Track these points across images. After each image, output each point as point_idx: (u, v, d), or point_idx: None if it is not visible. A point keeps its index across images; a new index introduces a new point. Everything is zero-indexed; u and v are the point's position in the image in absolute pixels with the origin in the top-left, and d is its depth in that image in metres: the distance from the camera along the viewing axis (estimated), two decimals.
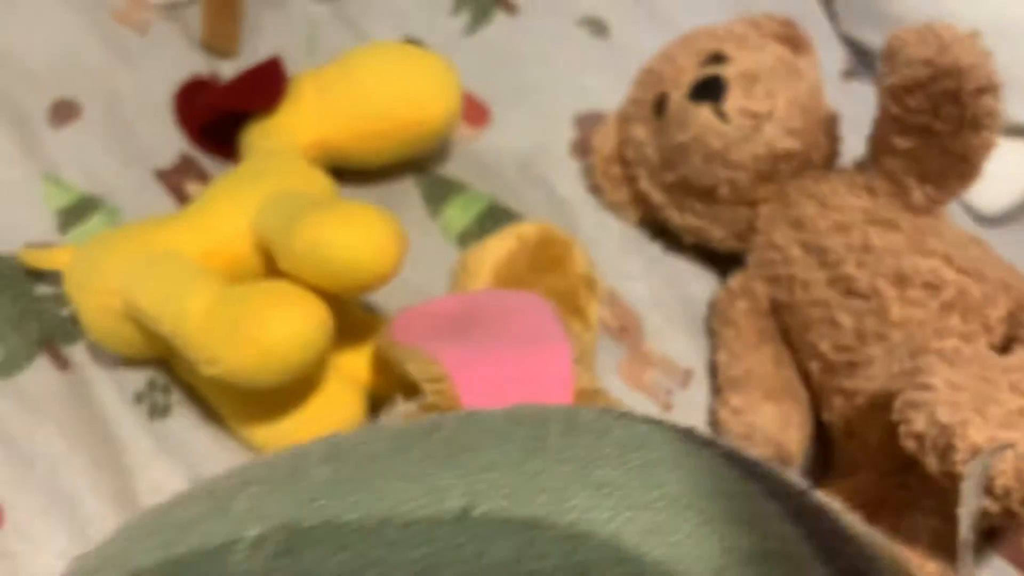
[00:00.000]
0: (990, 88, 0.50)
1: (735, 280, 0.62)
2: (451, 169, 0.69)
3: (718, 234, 0.62)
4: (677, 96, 0.59)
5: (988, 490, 0.43)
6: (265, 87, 0.62)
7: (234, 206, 0.54)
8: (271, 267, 0.53)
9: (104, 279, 0.52)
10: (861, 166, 0.59)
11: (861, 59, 0.79)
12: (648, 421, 0.19)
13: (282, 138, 0.62)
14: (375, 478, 0.17)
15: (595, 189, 0.69)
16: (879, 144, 0.56)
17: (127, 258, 0.52)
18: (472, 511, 0.16)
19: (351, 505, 0.17)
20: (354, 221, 0.47)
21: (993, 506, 0.43)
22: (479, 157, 0.70)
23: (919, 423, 0.45)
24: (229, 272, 0.53)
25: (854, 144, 0.61)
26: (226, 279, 0.51)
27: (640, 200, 0.66)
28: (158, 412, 0.57)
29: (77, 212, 0.63)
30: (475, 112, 0.73)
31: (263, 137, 0.62)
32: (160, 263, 0.51)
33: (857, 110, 0.64)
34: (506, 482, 0.16)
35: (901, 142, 0.54)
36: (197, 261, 0.52)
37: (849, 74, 0.79)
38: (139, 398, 0.57)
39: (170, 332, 0.49)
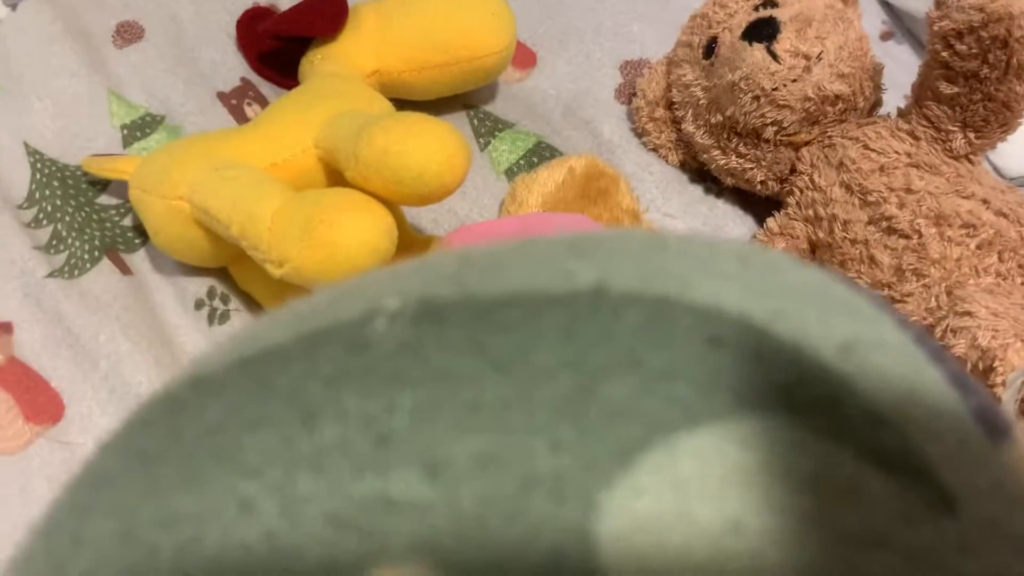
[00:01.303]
0: None
1: (774, 221, 0.62)
2: (500, 108, 0.70)
3: (760, 175, 0.62)
4: (729, 38, 0.60)
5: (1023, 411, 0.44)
6: (326, 13, 0.62)
7: (301, 121, 0.55)
8: (334, 182, 0.54)
9: (173, 183, 0.53)
10: (903, 114, 0.59)
11: (898, 22, 0.80)
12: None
13: (342, 65, 0.62)
14: (503, 266, 0.17)
15: (639, 132, 0.69)
16: (924, 90, 0.56)
17: (196, 164, 0.53)
18: (604, 286, 0.16)
19: (485, 282, 0.17)
20: (424, 131, 0.48)
21: None
22: (526, 98, 0.71)
23: (960, 348, 0.45)
24: (294, 185, 0.53)
25: (889, 103, 0.62)
26: (292, 190, 0.51)
27: (683, 143, 0.67)
28: (218, 319, 0.57)
29: (140, 127, 0.64)
30: (523, 56, 0.73)
31: (324, 63, 0.62)
32: (229, 169, 0.52)
33: (893, 70, 0.64)
34: (633, 269, 0.17)
35: (947, 88, 0.54)
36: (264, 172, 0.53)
37: (887, 36, 0.79)
38: (199, 305, 0.57)
39: (239, 234, 0.49)
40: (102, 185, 0.61)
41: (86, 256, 0.58)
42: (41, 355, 0.55)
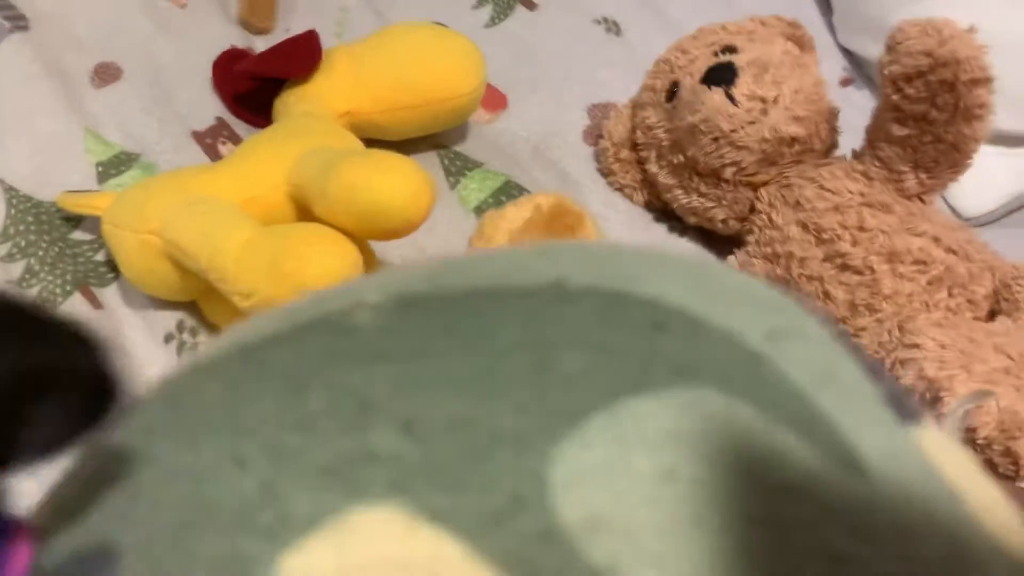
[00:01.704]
0: (984, 80, 0.52)
1: (734, 258, 0.64)
2: (470, 148, 0.72)
3: (721, 214, 0.64)
4: (690, 82, 0.62)
5: (971, 441, 0.45)
6: (301, 55, 0.64)
7: (273, 158, 0.56)
8: (304, 218, 0.55)
9: (144, 218, 0.54)
10: (858, 156, 0.61)
11: (857, 69, 0.82)
12: None
13: (315, 105, 0.64)
14: (472, 267, 0.19)
15: (605, 172, 0.71)
16: (877, 132, 0.58)
17: (167, 199, 0.54)
18: (563, 280, 0.18)
19: (455, 279, 0.19)
20: (389, 167, 0.49)
21: (975, 457, 0.45)
22: (496, 139, 0.73)
23: (908, 378, 0.47)
24: (265, 220, 0.55)
25: (849, 146, 0.64)
26: (262, 224, 0.53)
27: (647, 183, 0.69)
28: (186, 351, 0.58)
29: (116, 165, 0.65)
30: (493, 99, 0.75)
31: (298, 103, 0.64)
32: (200, 204, 0.53)
33: (853, 115, 0.67)
34: (590, 268, 0.18)
35: (898, 130, 0.57)
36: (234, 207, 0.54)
37: (846, 82, 0.82)
38: (168, 338, 0.58)
39: (207, 267, 0.50)
40: (76, 221, 0.62)
41: (58, 291, 0.59)
42: None
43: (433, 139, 0.70)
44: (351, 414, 0.16)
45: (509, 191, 0.69)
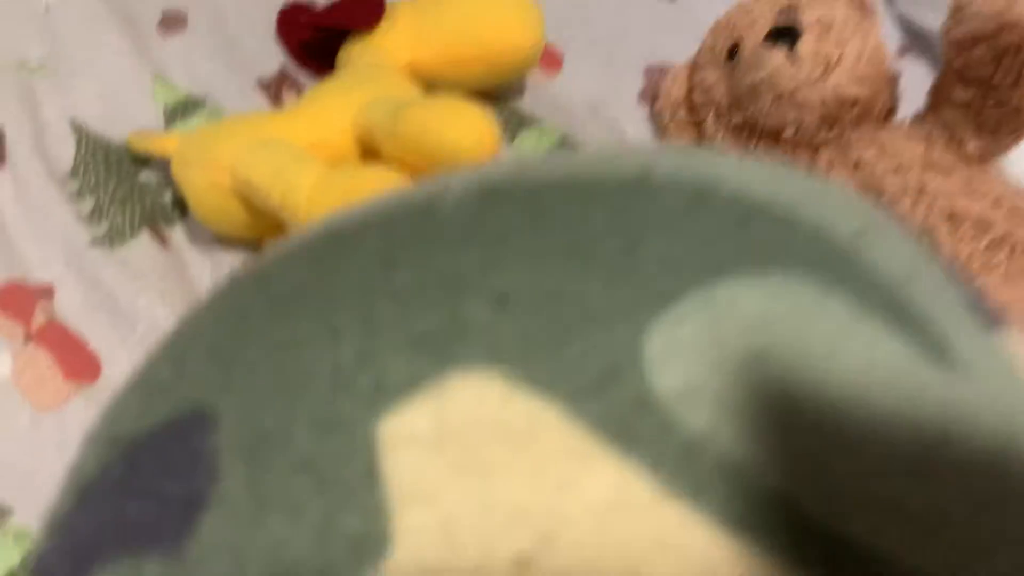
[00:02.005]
0: None
1: None
2: (527, 105, 0.72)
3: None
4: (751, 41, 0.62)
5: None
6: (365, 7, 0.65)
7: (339, 103, 0.57)
8: (368, 162, 0.56)
9: (215, 156, 0.55)
10: (919, 119, 0.62)
11: (914, 39, 0.82)
12: None
13: (379, 57, 0.65)
14: (555, 163, 0.20)
15: (661, 133, 0.71)
16: (940, 95, 0.59)
17: (238, 139, 0.55)
18: (648, 173, 0.18)
19: (539, 172, 0.19)
20: (460, 111, 0.50)
21: None
22: (552, 98, 0.73)
23: None
24: (331, 164, 0.56)
25: (904, 117, 0.64)
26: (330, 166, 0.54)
27: (704, 144, 0.69)
28: None
29: (182, 110, 0.67)
30: (549, 59, 0.76)
31: (361, 54, 0.65)
32: (271, 143, 0.54)
33: (909, 85, 0.67)
34: (674, 164, 0.19)
35: (961, 93, 0.57)
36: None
37: (903, 51, 0.81)
38: None
39: (279, 204, 0.52)
40: (144, 162, 0.64)
41: (127, 228, 0.61)
42: (80, 318, 0.57)
43: (492, 96, 0.71)
44: (441, 289, 0.17)
45: (565, 147, 0.70)
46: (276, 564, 0.14)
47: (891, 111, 0.64)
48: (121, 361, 0.56)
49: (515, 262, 0.17)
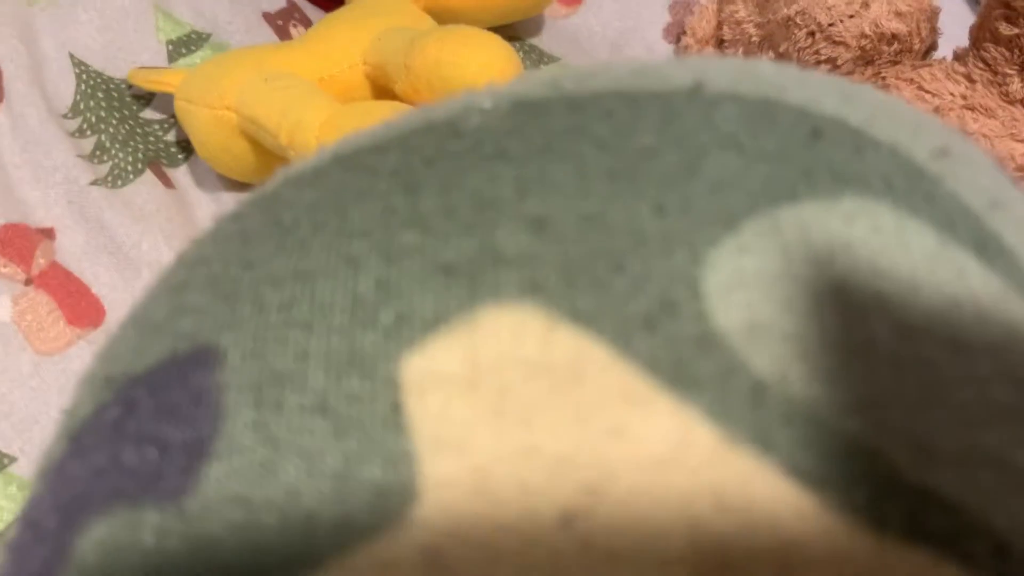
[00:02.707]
0: None
1: None
2: (546, 42, 0.70)
3: None
4: None
5: None
6: None
7: (349, 36, 0.55)
8: (380, 97, 0.54)
9: (220, 93, 0.53)
10: (959, 57, 0.59)
11: None
12: None
13: None
14: (597, 74, 0.18)
15: None
16: (983, 31, 0.56)
17: (244, 74, 0.54)
18: (701, 85, 0.17)
19: (580, 84, 0.17)
20: (477, 42, 0.48)
21: None
22: (573, 34, 0.71)
23: None
24: (341, 99, 0.54)
25: (945, 54, 0.61)
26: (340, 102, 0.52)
27: None
28: None
29: (186, 44, 0.65)
30: None
31: None
32: (278, 79, 0.52)
33: (950, 20, 0.64)
34: (730, 76, 0.17)
35: (1007, 29, 0.54)
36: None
37: None
38: None
39: (287, 143, 0.50)
40: (147, 99, 0.62)
41: (129, 168, 0.59)
42: (83, 261, 0.56)
43: (509, 31, 0.68)
44: (471, 213, 0.15)
45: None
46: (290, 516, 0.13)
47: (930, 49, 0.62)
48: (125, 306, 0.54)
49: (554, 183, 0.15)
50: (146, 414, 0.15)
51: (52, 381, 0.52)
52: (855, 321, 0.13)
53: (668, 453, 0.12)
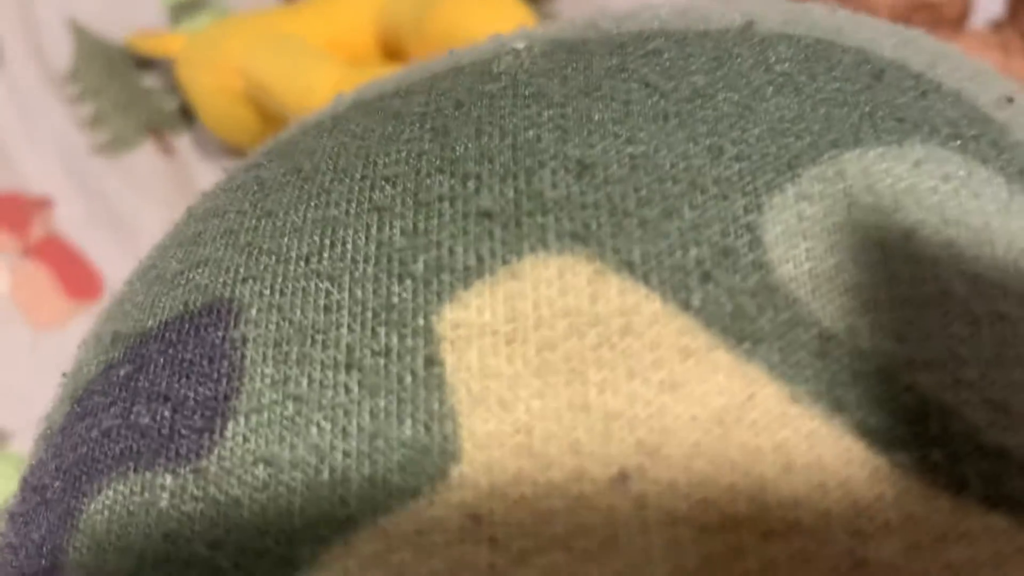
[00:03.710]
0: None
1: None
2: (559, 10, 0.69)
3: None
4: None
5: None
6: None
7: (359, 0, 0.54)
8: (391, 62, 0.53)
9: (224, 57, 0.53)
10: (997, 27, 0.58)
11: None
12: None
13: None
14: (637, 15, 0.17)
15: None
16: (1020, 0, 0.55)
17: (248, 38, 0.53)
18: (753, 24, 0.16)
19: (621, 25, 0.17)
20: (492, 5, 0.47)
21: None
22: (588, 1, 0.70)
23: None
24: (350, 62, 0.53)
25: (980, 22, 0.60)
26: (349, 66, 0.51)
27: None
28: None
29: (187, 8, 0.64)
30: None
31: None
32: (286, 43, 0.52)
33: None
34: (783, 17, 0.17)
35: None
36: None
37: None
38: None
39: (295, 108, 0.49)
40: (147, 65, 0.61)
41: (129, 135, 0.59)
42: (82, 231, 0.55)
43: None
44: (509, 157, 0.14)
45: None
46: (317, 477, 0.12)
47: (964, 16, 0.61)
48: (125, 277, 0.54)
49: (598, 124, 0.14)
50: (159, 371, 0.15)
51: (50, 357, 0.52)
52: (925, 272, 0.13)
53: (729, 410, 0.12)
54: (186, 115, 0.60)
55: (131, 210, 0.56)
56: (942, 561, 0.11)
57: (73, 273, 0.54)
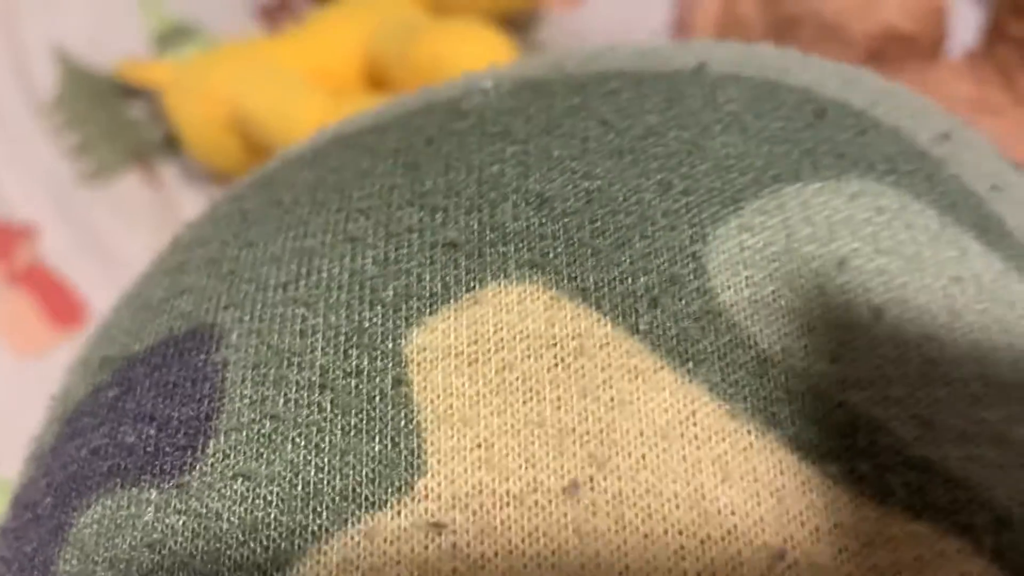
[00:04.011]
0: None
1: None
2: (545, 37, 0.71)
3: None
4: None
5: None
6: None
7: (343, 29, 0.56)
8: (376, 92, 0.55)
9: (211, 86, 0.54)
10: (969, 57, 0.60)
11: None
12: None
13: None
14: (600, 55, 0.19)
15: None
16: (994, 31, 0.57)
17: (235, 68, 0.54)
18: (705, 66, 0.17)
19: (583, 66, 0.18)
20: (477, 37, 0.49)
21: None
22: (574, 30, 0.72)
23: None
24: (335, 93, 0.55)
25: (955, 53, 0.62)
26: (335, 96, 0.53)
27: None
28: None
29: (174, 38, 0.65)
30: None
31: None
32: (272, 74, 0.53)
33: (960, 19, 0.65)
34: (733, 58, 0.18)
35: (1018, 28, 0.55)
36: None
37: None
38: None
39: (280, 140, 0.51)
40: (134, 93, 0.63)
41: (115, 164, 0.60)
42: (67, 260, 0.56)
43: (506, 25, 0.69)
44: (474, 191, 0.16)
45: None
46: (293, 491, 0.13)
47: (938, 48, 0.62)
48: (110, 305, 0.55)
49: (558, 160, 0.16)
50: (145, 394, 0.16)
51: (33, 386, 0.53)
52: (858, 297, 0.14)
53: (672, 426, 0.13)
54: (171, 144, 0.61)
55: (116, 238, 0.57)
56: (868, 564, 0.12)
57: (57, 301, 0.55)
